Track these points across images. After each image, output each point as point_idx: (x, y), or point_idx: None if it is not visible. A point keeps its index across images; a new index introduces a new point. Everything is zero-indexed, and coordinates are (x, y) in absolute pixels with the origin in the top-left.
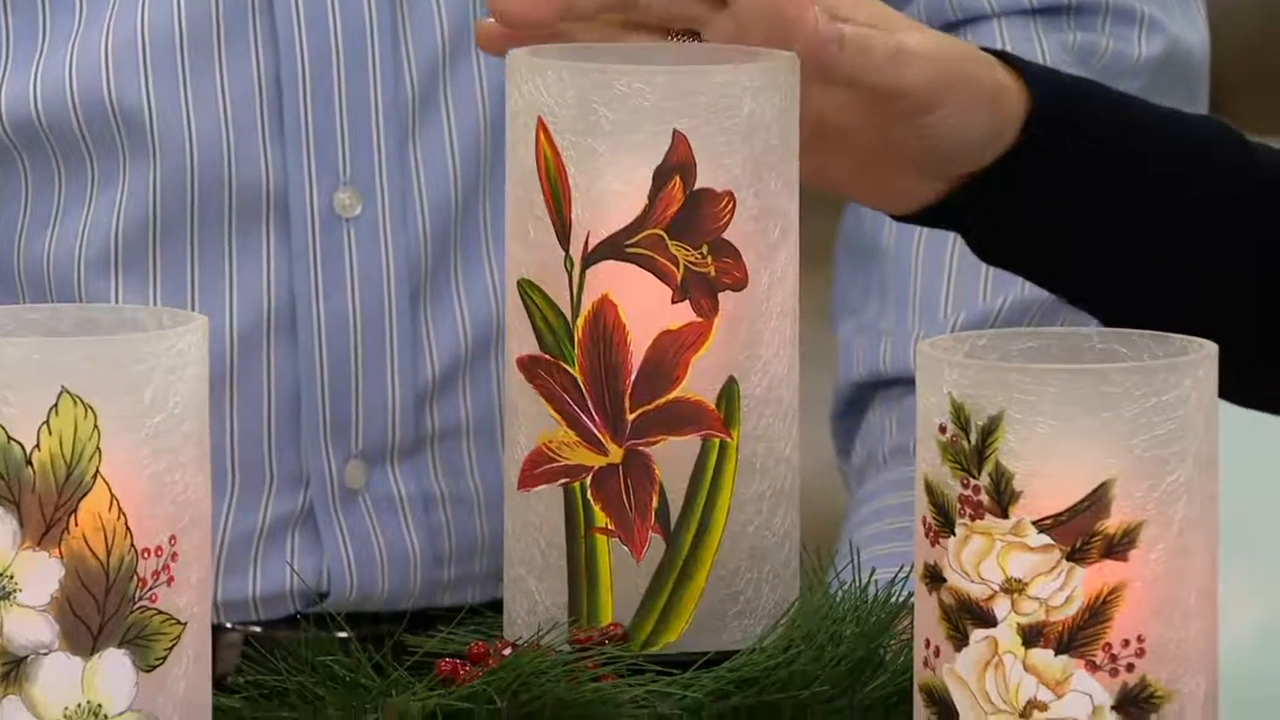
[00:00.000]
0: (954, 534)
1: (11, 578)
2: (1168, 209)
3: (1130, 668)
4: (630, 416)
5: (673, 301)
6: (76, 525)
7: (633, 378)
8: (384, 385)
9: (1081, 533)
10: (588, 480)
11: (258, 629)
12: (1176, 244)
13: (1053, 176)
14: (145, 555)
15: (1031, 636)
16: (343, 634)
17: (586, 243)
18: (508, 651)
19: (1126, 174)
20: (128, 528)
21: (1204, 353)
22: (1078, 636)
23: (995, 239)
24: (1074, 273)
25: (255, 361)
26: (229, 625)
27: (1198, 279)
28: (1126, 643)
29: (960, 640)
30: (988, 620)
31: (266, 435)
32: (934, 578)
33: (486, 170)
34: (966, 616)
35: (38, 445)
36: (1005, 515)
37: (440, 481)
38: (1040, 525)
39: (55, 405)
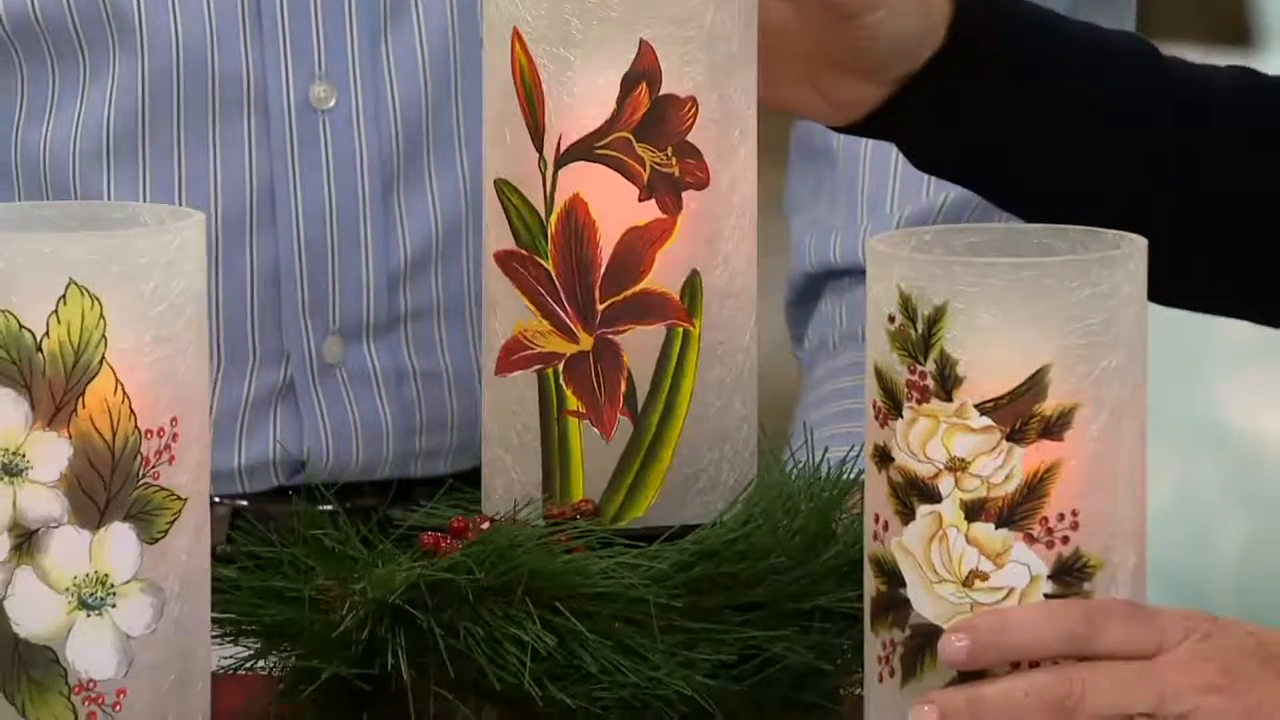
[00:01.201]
0: (902, 416)
1: (24, 456)
2: (1086, 118)
3: (1065, 540)
4: (600, 307)
5: (640, 200)
6: (84, 408)
7: (602, 271)
8: (359, 267)
9: (1020, 415)
10: (560, 366)
11: (244, 502)
12: (1095, 153)
13: (977, 80)
14: (148, 436)
15: (973, 511)
16: (328, 507)
17: (559, 145)
18: (486, 526)
19: (1046, 80)
20: (131, 410)
21: (1135, 247)
22: (1016, 511)
23: (928, 147)
24: (1002, 179)
25: (238, 245)
26: (216, 499)
27: (1117, 187)
28: (1062, 517)
29: (907, 515)
30: (933, 496)
31: (249, 314)
32: (883, 457)
33: (458, 74)
34: (913, 493)
35: (47, 333)
36: (949, 399)
37: (413, 358)
38: (982, 408)
39: (64, 296)
